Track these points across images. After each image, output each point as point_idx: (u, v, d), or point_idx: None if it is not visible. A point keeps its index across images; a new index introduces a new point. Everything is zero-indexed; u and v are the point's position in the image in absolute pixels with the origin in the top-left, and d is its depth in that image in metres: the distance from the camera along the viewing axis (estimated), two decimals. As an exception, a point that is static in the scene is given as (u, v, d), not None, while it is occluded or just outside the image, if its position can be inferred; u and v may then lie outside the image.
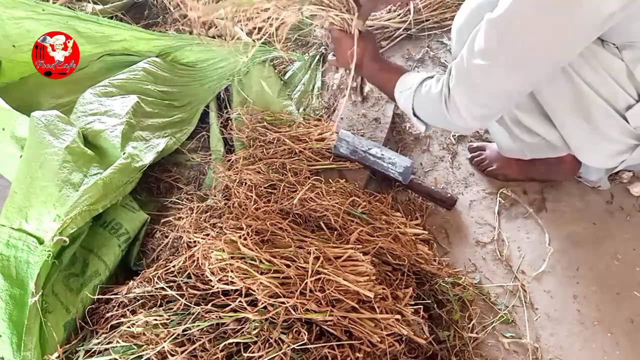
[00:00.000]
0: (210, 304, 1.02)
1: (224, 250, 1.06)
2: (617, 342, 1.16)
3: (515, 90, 1.07)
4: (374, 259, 1.14)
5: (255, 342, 0.95)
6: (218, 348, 0.94)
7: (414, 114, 1.23)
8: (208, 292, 1.05)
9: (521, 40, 0.94)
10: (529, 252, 1.32)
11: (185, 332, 0.97)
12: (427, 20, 1.91)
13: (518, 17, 0.91)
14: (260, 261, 1.05)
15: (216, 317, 0.99)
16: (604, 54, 1.02)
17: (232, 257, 1.06)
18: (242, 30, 1.88)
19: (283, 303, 0.98)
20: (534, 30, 0.92)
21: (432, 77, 1.18)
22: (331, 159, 1.43)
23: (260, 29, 1.15)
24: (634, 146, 1.11)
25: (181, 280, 1.08)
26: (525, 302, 1.23)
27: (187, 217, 1.25)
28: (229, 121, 1.60)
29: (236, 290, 1.03)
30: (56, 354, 1.00)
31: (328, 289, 1.01)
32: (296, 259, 1.06)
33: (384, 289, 1.06)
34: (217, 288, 1.03)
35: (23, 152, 1.25)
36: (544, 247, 1.32)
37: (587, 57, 1.01)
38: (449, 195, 1.41)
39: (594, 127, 1.09)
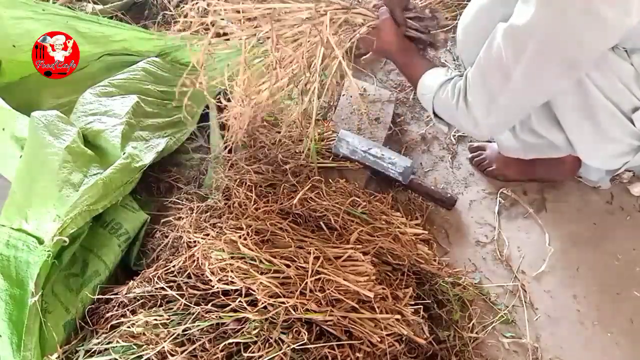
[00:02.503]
0: (210, 304, 1.02)
1: (224, 250, 1.06)
2: (617, 342, 1.16)
3: (532, 100, 1.07)
4: (374, 259, 1.14)
5: (255, 342, 0.95)
6: (218, 348, 0.94)
7: (435, 115, 1.24)
8: (208, 292, 1.05)
9: (542, 52, 0.94)
10: (529, 252, 1.32)
11: (185, 332, 0.97)
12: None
13: (541, 29, 0.91)
14: (260, 261, 1.05)
15: (216, 317, 0.99)
16: (614, 58, 1.02)
17: (232, 257, 1.06)
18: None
19: (283, 303, 0.98)
20: (556, 43, 0.92)
21: (451, 79, 1.17)
22: (331, 159, 1.43)
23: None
24: (638, 148, 1.12)
25: (181, 280, 1.08)
26: (525, 302, 1.23)
27: (187, 217, 1.25)
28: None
29: (236, 290, 1.03)
30: (56, 354, 1.00)
31: (328, 289, 1.01)
32: (296, 259, 1.06)
33: (384, 289, 1.06)
34: (217, 288, 1.03)
35: (23, 152, 1.25)
36: (544, 247, 1.32)
37: (597, 61, 1.02)
38: (449, 195, 1.41)
39: (599, 128, 1.09)
